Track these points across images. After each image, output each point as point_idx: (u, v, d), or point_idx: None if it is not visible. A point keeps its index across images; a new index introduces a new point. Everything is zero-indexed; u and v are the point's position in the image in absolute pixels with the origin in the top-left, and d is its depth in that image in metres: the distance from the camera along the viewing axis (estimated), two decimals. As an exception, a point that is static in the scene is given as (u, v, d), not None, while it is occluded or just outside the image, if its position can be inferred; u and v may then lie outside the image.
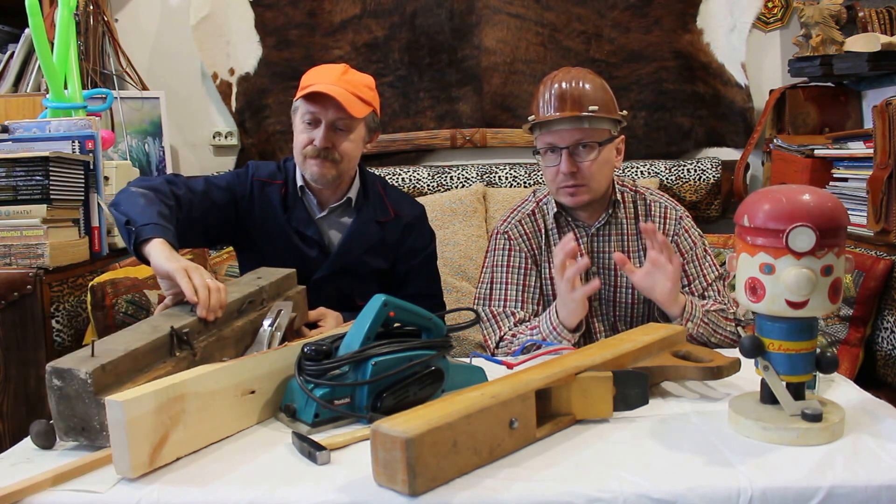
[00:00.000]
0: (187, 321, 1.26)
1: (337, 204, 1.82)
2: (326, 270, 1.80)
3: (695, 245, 1.77)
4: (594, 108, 1.67)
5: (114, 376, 1.09)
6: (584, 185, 1.70)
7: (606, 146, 1.71)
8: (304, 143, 1.74)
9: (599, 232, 1.79)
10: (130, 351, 1.13)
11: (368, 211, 1.84)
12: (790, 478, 0.95)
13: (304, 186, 1.82)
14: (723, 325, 1.65)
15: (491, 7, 2.85)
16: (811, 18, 2.61)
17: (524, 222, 1.83)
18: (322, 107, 1.71)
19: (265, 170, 1.86)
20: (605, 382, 1.14)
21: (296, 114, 1.78)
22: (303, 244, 1.80)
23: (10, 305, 1.90)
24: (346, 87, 1.72)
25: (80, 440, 1.08)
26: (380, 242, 1.84)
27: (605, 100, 1.71)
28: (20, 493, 0.95)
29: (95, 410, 1.05)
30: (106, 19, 2.74)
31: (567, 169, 1.68)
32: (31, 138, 2.08)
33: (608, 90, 1.74)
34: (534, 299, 1.79)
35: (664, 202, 1.82)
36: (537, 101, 1.72)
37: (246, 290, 1.42)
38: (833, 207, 1.04)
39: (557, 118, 1.67)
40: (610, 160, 1.74)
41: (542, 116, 1.70)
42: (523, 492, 0.94)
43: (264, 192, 1.81)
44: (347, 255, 1.81)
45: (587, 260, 1.60)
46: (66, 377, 1.06)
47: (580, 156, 1.69)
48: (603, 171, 1.72)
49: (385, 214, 1.86)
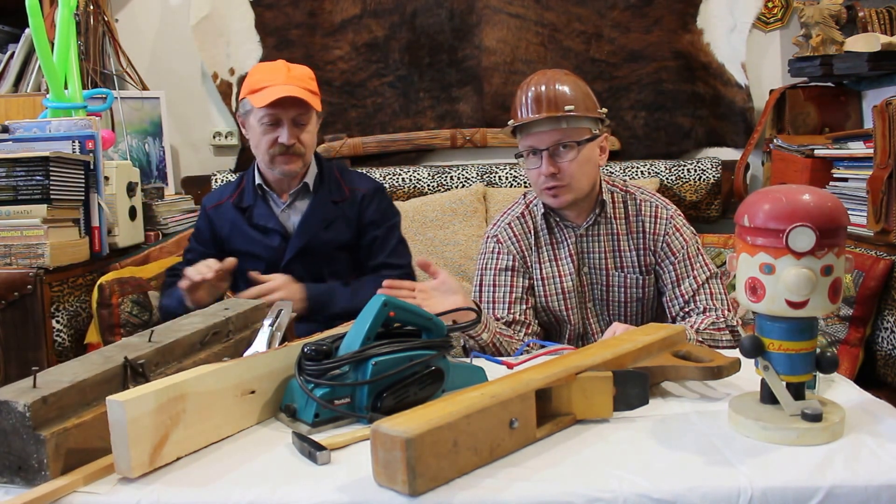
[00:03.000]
0: (144, 351, 1.17)
1: (295, 190, 1.97)
2: (290, 254, 1.93)
3: (686, 244, 1.77)
4: (570, 108, 1.68)
5: (56, 410, 0.99)
6: (565, 186, 1.70)
7: (587, 145, 1.71)
8: (269, 143, 1.88)
9: (588, 232, 1.79)
10: (77, 382, 1.03)
11: (324, 192, 1.97)
12: (790, 478, 0.95)
13: (261, 185, 1.98)
14: (717, 337, 1.65)
15: (491, 7, 2.85)
16: (811, 18, 2.61)
17: (514, 225, 1.84)
18: (281, 108, 1.85)
19: (213, 197, 2.08)
20: (605, 382, 1.14)
21: (249, 116, 1.92)
22: (264, 237, 1.95)
23: (10, 305, 1.90)
24: (298, 84, 1.86)
25: (16, 481, 0.97)
26: (338, 219, 1.95)
27: (583, 99, 1.71)
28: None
29: (34, 447, 0.95)
30: (106, 19, 2.74)
31: (547, 170, 1.68)
32: (32, 138, 2.08)
33: (586, 89, 1.74)
34: (522, 300, 1.79)
35: (654, 201, 1.81)
36: (516, 105, 1.73)
37: (210, 321, 1.34)
38: (833, 207, 1.04)
39: (535, 120, 1.68)
40: (592, 159, 1.73)
41: (520, 119, 1.71)
42: (523, 492, 0.94)
43: (219, 213, 2.01)
44: (305, 235, 1.94)
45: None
46: (2, 410, 0.96)
47: (560, 156, 1.69)
48: (585, 171, 1.72)
49: (341, 195, 1.98)
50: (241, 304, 1.49)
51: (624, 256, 1.78)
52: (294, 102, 1.85)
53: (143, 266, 2.19)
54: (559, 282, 1.79)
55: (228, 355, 1.31)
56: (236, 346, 1.36)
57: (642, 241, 1.78)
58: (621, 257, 1.78)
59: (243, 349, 1.34)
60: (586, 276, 1.80)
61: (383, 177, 2.81)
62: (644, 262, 1.78)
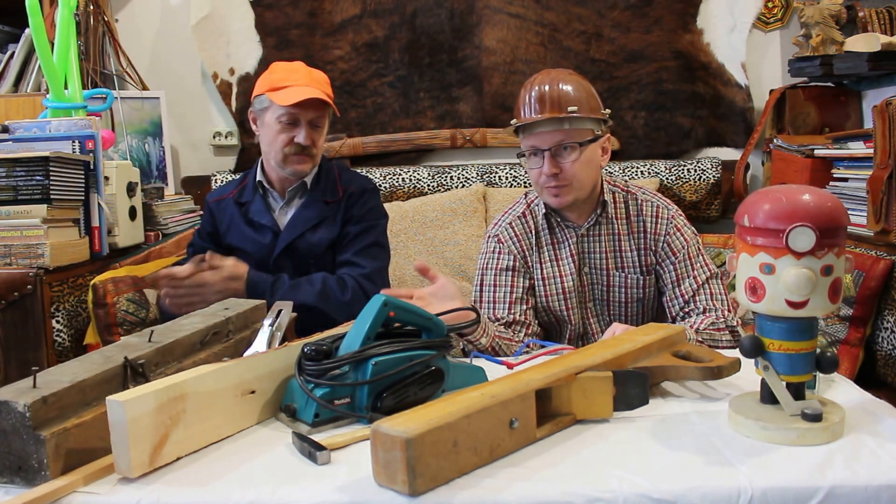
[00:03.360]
0: (143, 351, 1.17)
1: (293, 188, 1.99)
2: (277, 250, 1.94)
3: (687, 244, 1.77)
4: (573, 109, 1.67)
5: (56, 410, 0.99)
6: (567, 186, 1.70)
7: (589, 146, 1.71)
8: (285, 142, 1.90)
9: (589, 232, 1.79)
10: (77, 382, 1.03)
11: (318, 192, 1.99)
12: (790, 478, 0.95)
13: (261, 182, 2.00)
14: (717, 337, 1.65)
15: (491, 7, 2.85)
16: (811, 18, 2.61)
17: (514, 224, 1.84)
18: (303, 109, 1.87)
19: (217, 191, 2.12)
20: (605, 382, 1.14)
21: (266, 112, 1.92)
22: (257, 233, 1.97)
23: (10, 305, 1.90)
24: (318, 87, 1.88)
25: (16, 481, 0.98)
26: (327, 218, 1.96)
27: (587, 99, 1.71)
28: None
29: (34, 448, 0.95)
30: (106, 19, 2.74)
31: (549, 170, 1.69)
32: (32, 138, 2.08)
33: (590, 90, 1.74)
34: (522, 301, 1.79)
35: (656, 201, 1.81)
36: (519, 105, 1.73)
37: (210, 321, 1.34)
38: (833, 207, 1.04)
39: (538, 120, 1.68)
40: (594, 160, 1.74)
41: (523, 119, 1.71)
42: (523, 492, 0.94)
43: (220, 209, 2.04)
44: (293, 233, 1.95)
45: None
46: (2, 410, 0.96)
47: (562, 156, 1.69)
48: (586, 171, 1.72)
49: (334, 195, 2.00)
50: (241, 304, 1.49)
51: (625, 256, 1.79)
52: (315, 105, 1.88)
53: (140, 265, 2.18)
54: (560, 281, 1.80)
55: (228, 355, 1.31)
56: (236, 346, 1.36)
57: (643, 241, 1.78)
58: (622, 257, 1.78)
59: (243, 349, 1.34)
60: (587, 276, 1.80)
61: (383, 177, 2.81)
62: (645, 261, 1.78)
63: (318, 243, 1.95)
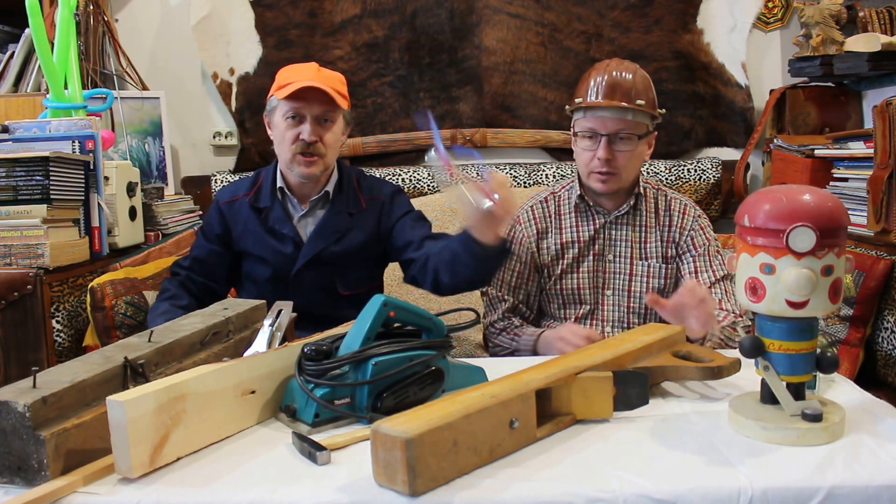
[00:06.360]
0: (144, 352, 1.17)
1: (316, 198, 1.91)
2: (300, 263, 1.88)
3: (708, 243, 1.84)
4: (641, 103, 1.74)
5: (56, 410, 0.99)
6: (615, 174, 1.77)
7: (643, 140, 1.78)
8: (291, 139, 1.82)
9: (618, 220, 1.86)
10: (77, 382, 1.03)
11: (340, 203, 1.92)
12: (790, 478, 0.95)
13: (283, 188, 1.92)
14: (733, 338, 1.69)
15: (491, 7, 2.85)
16: (811, 18, 2.61)
17: (535, 207, 1.92)
18: (306, 102, 1.81)
19: (227, 192, 2.00)
20: (605, 382, 1.14)
21: (275, 112, 1.88)
22: (278, 242, 1.89)
23: (10, 305, 1.90)
24: (325, 83, 1.81)
25: (16, 481, 0.98)
26: (352, 229, 1.90)
27: (651, 96, 1.79)
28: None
29: (34, 448, 0.96)
30: (106, 19, 2.74)
31: (604, 155, 1.74)
32: (31, 138, 2.08)
33: (653, 87, 1.81)
34: (529, 283, 1.89)
35: (685, 201, 1.91)
36: (587, 85, 1.78)
37: (210, 322, 1.34)
38: (833, 207, 1.04)
39: (605, 105, 1.73)
40: (641, 154, 1.82)
41: (589, 101, 1.75)
42: (523, 492, 0.94)
43: (233, 211, 1.94)
44: (317, 246, 1.88)
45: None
46: (2, 410, 0.97)
47: (618, 145, 1.75)
48: (634, 163, 1.79)
49: (357, 206, 1.93)
50: (241, 304, 1.49)
51: (648, 246, 1.85)
52: (319, 99, 1.80)
53: (139, 266, 2.18)
54: (576, 261, 1.85)
55: (228, 355, 1.31)
56: (236, 346, 1.36)
57: (668, 232, 1.85)
58: (646, 247, 1.85)
59: (243, 349, 1.34)
60: (610, 264, 1.86)
61: (383, 177, 2.81)
62: (666, 252, 1.85)
63: (341, 253, 1.88)
